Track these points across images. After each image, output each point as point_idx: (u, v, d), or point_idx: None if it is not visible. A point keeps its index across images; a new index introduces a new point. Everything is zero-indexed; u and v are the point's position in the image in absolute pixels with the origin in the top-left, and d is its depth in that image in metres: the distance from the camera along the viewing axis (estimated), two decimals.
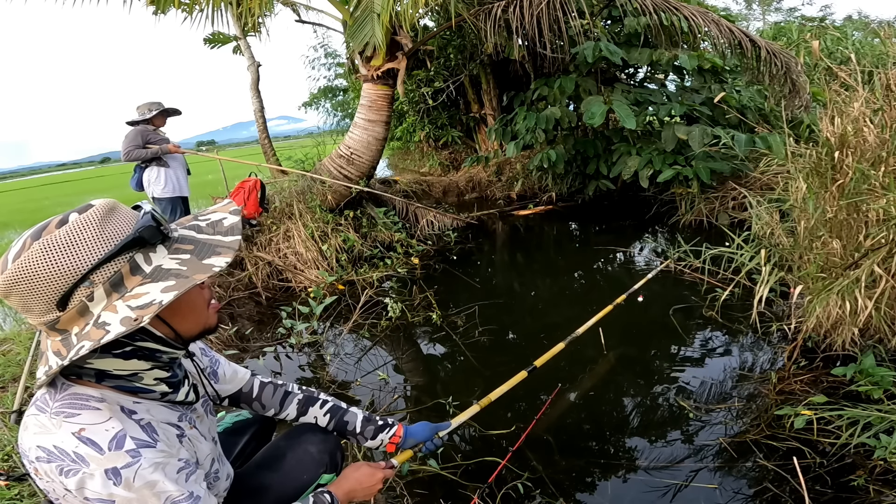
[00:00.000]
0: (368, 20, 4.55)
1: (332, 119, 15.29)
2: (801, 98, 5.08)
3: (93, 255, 0.70)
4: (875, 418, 1.68)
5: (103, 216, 0.72)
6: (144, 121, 4.00)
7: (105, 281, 0.71)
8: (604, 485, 1.78)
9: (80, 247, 0.69)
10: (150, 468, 0.74)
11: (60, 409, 0.73)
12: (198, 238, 0.79)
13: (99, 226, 0.71)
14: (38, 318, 0.72)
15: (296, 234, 4.43)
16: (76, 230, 0.70)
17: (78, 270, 0.69)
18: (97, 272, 0.70)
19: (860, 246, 2.11)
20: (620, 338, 2.86)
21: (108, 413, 0.74)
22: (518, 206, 6.81)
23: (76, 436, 0.71)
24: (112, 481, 0.71)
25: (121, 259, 0.72)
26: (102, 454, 0.71)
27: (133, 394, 0.81)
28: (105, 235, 0.71)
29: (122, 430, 0.73)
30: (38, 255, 0.68)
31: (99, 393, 0.77)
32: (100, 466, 0.70)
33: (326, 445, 1.17)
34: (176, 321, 0.82)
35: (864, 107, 2.13)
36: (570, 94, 5.79)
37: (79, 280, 0.69)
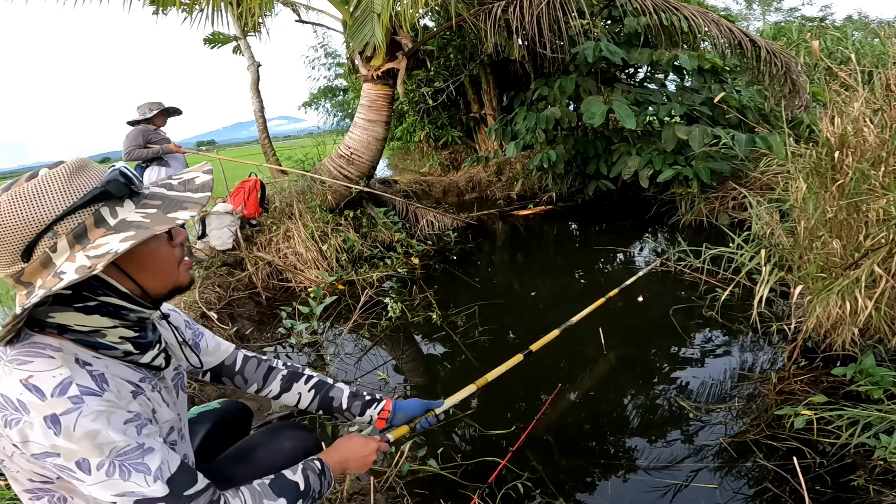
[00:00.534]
0: (368, 20, 4.55)
1: (332, 119, 15.30)
2: (801, 98, 5.08)
3: (58, 206, 0.71)
4: (875, 418, 1.68)
5: (73, 171, 0.74)
6: (145, 120, 4.01)
7: (69, 232, 0.71)
8: (604, 485, 1.78)
9: (45, 198, 0.71)
10: (92, 415, 0.71)
11: (15, 356, 0.72)
12: (167, 194, 0.80)
13: (67, 179, 0.72)
14: (5, 269, 0.73)
15: (296, 234, 4.43)
16: (44, 183, 0.72)
17: (42, 221, 0.70)
18: (61, 223, 0.71)
19: (860, 246, 2.11)
20: (620, 338, 2.85)
21: (59, 361, 0.73)
22: (518, 206, 6.81)
23: (23, 382, 0.70)
24: (52, 430, 0.69)
25: (86, 211, 0.72)
26: (44, 401, 0.69)
27: (94, 349, 0.79)
28: (72, 188, 0.72)
29: (68, 376, 0.72)
30: (6, 205, 0.70)
31: (58, 343, 0.75)
32: (39, 414, 0.69)
33: (302, 442, 1.12)
34: (142, 277, 0.80)
35: (865, 107, 2.13)
36: (570, 94, 5.79)
37: (43, 230, 0.70)
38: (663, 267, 3.78)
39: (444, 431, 2.16)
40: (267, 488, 0.90)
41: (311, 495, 0.96)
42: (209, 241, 4.46)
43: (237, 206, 4.56)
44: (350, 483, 1.75)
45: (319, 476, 0.98)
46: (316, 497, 0.98)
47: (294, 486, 0.93)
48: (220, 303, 3.65)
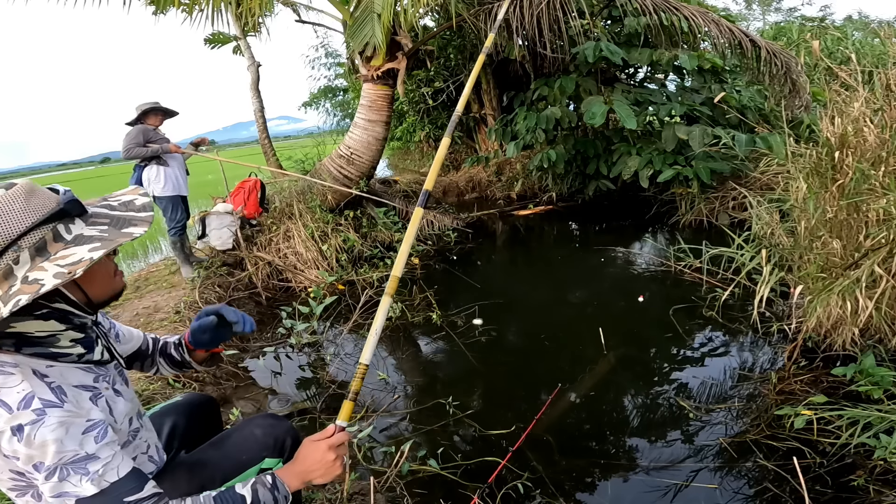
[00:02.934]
0: (368, 20, 4.55)
1: (332, 119, 15.30)
2: (801, 98, 5.09)
3: (20, 224, 0.79)
4: (875, 418, 1.68)
5: (28, 192, 0.82)
6: (138, 119, 4.00)
7: (30, 246, 0.80)
8: (604, 485, 1.78)
9: (8, 216, 0.79)
10: (53, 426, 0.80)
11: None
12: (112, 213, 0.89)
13: (25, 199, 0.81)
14: None
15: (296, 234, 4.43)
16: (6, 202, 0.79)
17: (7, 236, 0.78)
18: (24, 238, 0.79)
19: (860, 246, 2.11)
20: (620, 338, 2.85)
21: (20, 377, 0.81)
22: (518, 206, 6.81)
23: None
24: (16, 437, 0.78)
25: (45, 228, 0.81)
26: (11, 413, 0.78)
27: (51, 358, 0.88)
28: (30, 207, 0.81)
29: (31, 392, 0.80)
30: None
31: (13, 359, 0.83)
32: (7, 424, 0.78)
33: (273, 430, 1.15)
34: (89, 287, 0.91)
35: (865, 107, 2.13)
36: (571, 94, 5.79)
37: (7, 245, 0.78)
38: (663, 267, 3.78)
39: (444, 431, 2.16)
40: (210, 499, 0.92)
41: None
42: (209, 241, 4.46)
43: (237, 206, 4.56)
44: (350, 483, 1.75)
45: (271, 490, 0.97)
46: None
47: (240, 500, 0.93)
48: (220, 303, 3.65)
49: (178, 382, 2.55)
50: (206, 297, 3.58)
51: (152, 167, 4.06)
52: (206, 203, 7.66)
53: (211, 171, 13.35)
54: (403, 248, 1.30)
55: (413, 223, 1.35)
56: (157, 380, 2.48)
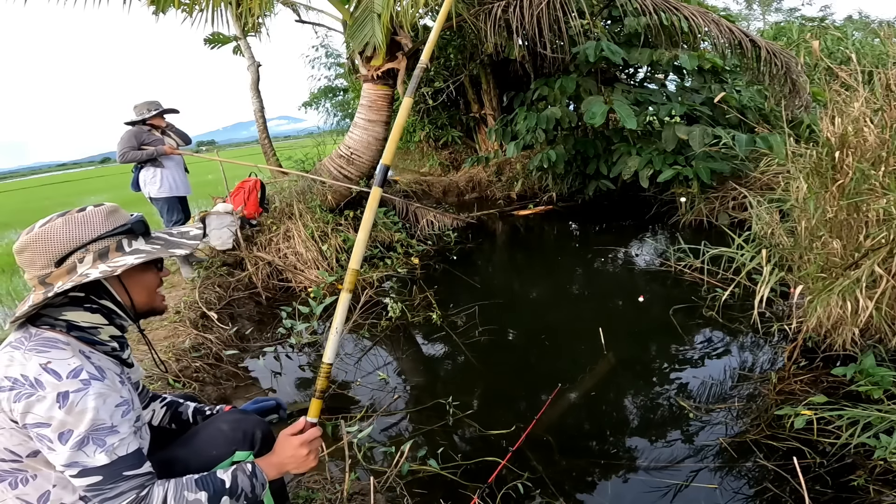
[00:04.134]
0: (368, 20, 4.55)
1: (332, 119, 15.27)
2: (801, 98, 5.09)
3: (94, 232, 1.00)
4: (875, 418, 1.68)
5: (110, 210, 1.04)
6: (142, 121, 4.00)
7: (97, 251, 1.00)
8: (604, 485, 1.78)
9: (87, 225, 1.00)
10: (94, 396, 0.91)
11: (34, 346, 0.93)
12: (168, 238, 1.10)
13: (105, 215, 1.03)
14: (37, 270, 0.97)
15: (296, 234, 4.43)
16: (89, 215, 1.01)
17: (81, 240, 0.98)
18: (93, 244, 0.99)
19: (860, 246, 2.10)
20: (620, 338, 2.85)
21: (71, 353, 0.94)
22: (518, 206, 6.81)
23: (42, 366, 0.90)
24: (58, 403, 0.88)
25: (112, 239, 1.02)
26: (60, 381, 0.89)
27: (91, 345, 1.01)
28: (108, 221, 1.02)
29: (80, 365, 0.93)
30: (60, 225, 0.98)
31: (66, 339, 0.97)
32: (54, 391, 0.88)
33: (240, 424, 1.19)
34: (134, 291, 1.08)
35: (865, 107, 2.13)
36: (571, 94, 5.79)
37: (79, 246, 0.98)
38: (664, 267, 3.78)
39: (444, 431, 2.16)
40: (192, 482, 1.00)
41: (238, 494, 1.03)
42: (209, 241, 4.46)
43: (237, 206, 4.56)
44: (350, 483, 1.75)
45: (250, 477, 1.06)
46: (248, 496, 1.05)
47: (220, 483, 1.02)
48: (220, 303, 3.65)
49: (178, 382, 2.55)
50: (205, 297, 3.58)
51: (148, 169, 4.05)
52: (206, 203, 7.67)
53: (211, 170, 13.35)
54: (360, 236, 1.20)
55: (370, 207, 1.22)
56: (157, 378, 2.48)
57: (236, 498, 1.03)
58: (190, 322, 3.16)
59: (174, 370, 2.59)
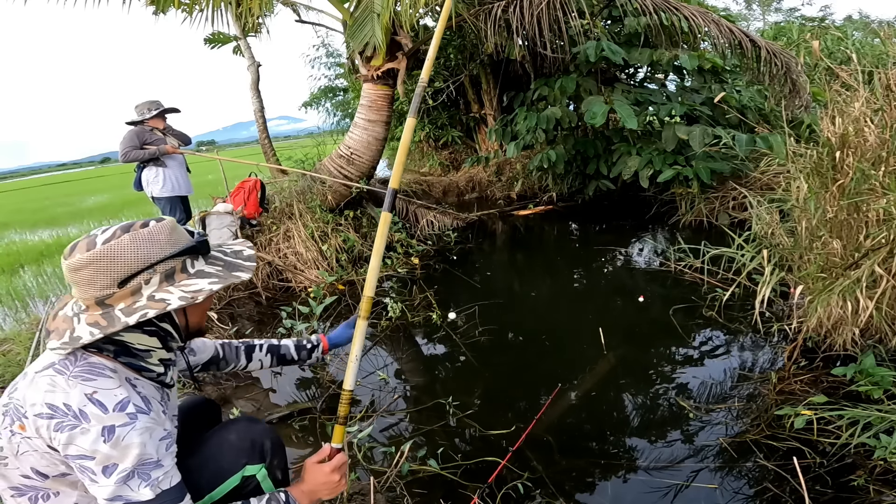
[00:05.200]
0: (368, 20, 4.55)
1: (332, 119, 15.27)
2: (801, 98, 5.09)
3: (163, 251, 0.93)
4: (875, 418, 1.68)
5: (172, 227, 0.97)
6: (143, 121, 4.00)
7: (163, 272, 0.93)
8: (604, 485, 1.78)
9: (154, 244, 0.93)
10: (140, 430, 0.88)
11: (79, 373, 0.88)
12: (225, 259, 1.05)
13: (169, 233, 0.96)
14: (97, 291, 0.90)
15: (296, 234, 4.43)
16: (155, 231, 0.94)
17: (150, 259, 0.92)
18: (161, 264, 0.93)
19: (861, 246, 2.11)
20: (620, 338, 2.85)
21: (118, 381, 0.90)
22: (518, 206, 6.81)
23: (88, 396, 0.85)
24: (103, 438, 0.85)
25: (177, 259, 0.95)
26: (106, 413, 0.85)
27: (137, 371, 0.97)
28: (172, 240, 0.96)
29: (126, 397, 0.89)
30: (127, 242, 0.90)
31: (112, 364, 0.93)
32: (99, 423, 0.85)
33: (249, 433, 1.16)
34: (192, 313, 1.05)
35: (865, 107, 2.13)
36: (571, 94, 5.79)
37: (146, 266, 0.91)
38: (664, 267, 3.78)
39: (443, 431, 2.16)
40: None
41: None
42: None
43: (237, 206, 4.56)
44: (350, 483, 1.75)
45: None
46: None
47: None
48: (220, 303, 3.66)
49: (178, 383, 2.54)
50: None
51: (151, 168, 4.06)
52: (206, 203, 7.67)
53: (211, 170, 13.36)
54: (373, 263, 1.18)
55: (381, 231, 1.20)
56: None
57: None
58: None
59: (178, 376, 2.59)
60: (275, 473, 1.16)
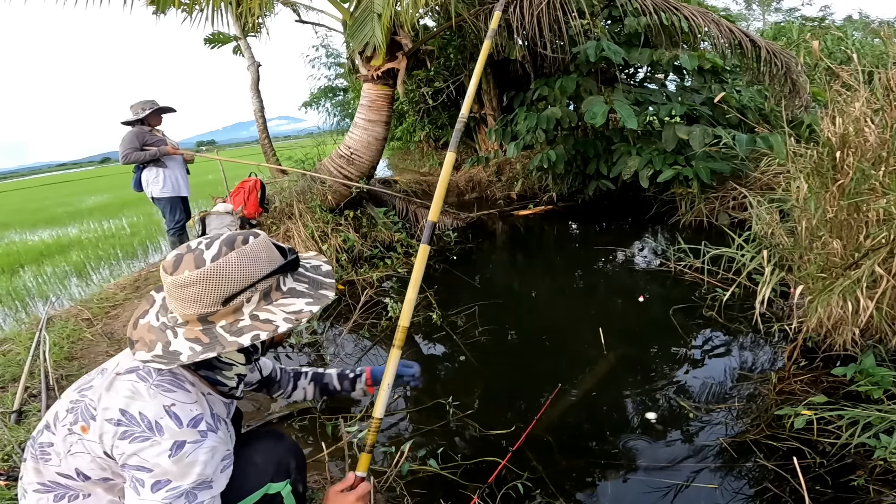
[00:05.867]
0: (368, 20, 4.55)
1: (333, 119, 15.29)
2: (801, 98, 5.09)
3: (262, 270, 0.91)
4: (875, 418, 1.68)
5: (268, 243, 0.96)
6: (139, 120, 4.00)
7: (262, 290, 0.91)
8: (604, 485, 1.78)
9: (258, 262, 0.91)
10: (206, 450, 0.87)
11: (161, 383, 0.88)
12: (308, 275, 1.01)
13: (267, 248, 0.94)
14: (201, 308, 0.88)
15: (296, 234, 4.43)
16: (257, 248, 0.92)
17: (253, 278, 0.90)
18: (261, 282, 0.91)
19: (861, 246, 2.10)
20: (620, 338, 2.85)
21: (195, 396, 0.90)
22: (518, 206, 6.81)
23: (165, 408, 0.85)
24: (170, 453, 0.83)
25: (274, 278, 0.93)
26: (180, 428, 0.85)
27: (212, 385, 0.97)
28: (271, 257, 0.94)
29: (201, 413, 0.89)
30: (234, 260, 0.88)
31: (192, 377, 0.93)
32: (172, 438, 0.84)
33: (274, 455, 1.13)
34: None
35: (865, 107, 2.13)
36: (571, 94, 5.78)
37: (249, 285, 0.89)
38: (663, 267, 3.78)
39: (443, 431, 2.16)
40: None
41: None
42: None
43: (237, 206, 4.56)
44: None
45: None
46: None
47: None
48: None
49: None
50: None
51: (151, 169, 4.06)
52: (206, 203, 7.67)
53: (211, 170, 13.36)
54: (409, 295, 1.23)
55: (419, 264, 1.27)
56: None
57: None
58: None
59: None
60: (297, 488, 1.17)
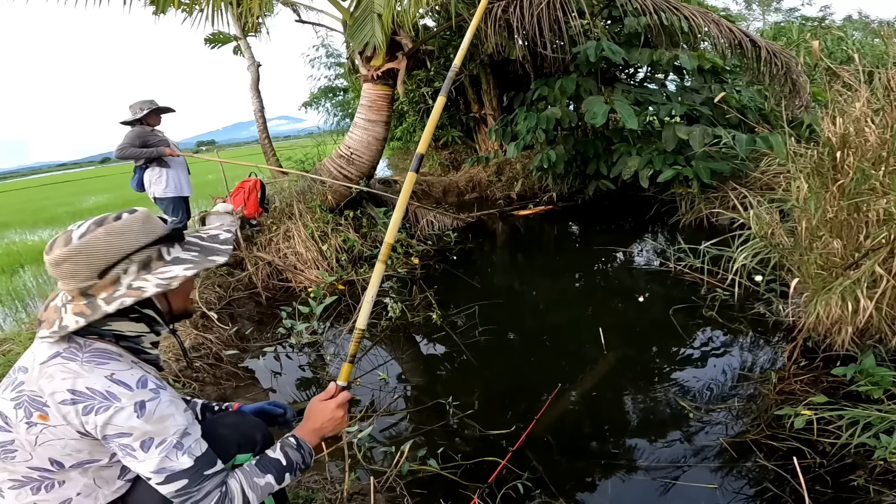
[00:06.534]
0: (368, 20, 4.55)
1: (332, 119, 15.29)
2: (801, 98, 5.09)
3: (137, 242, 0.96)
4: (875, 418, 1.68)
5: (145, 218, 1.00)
6: (137, 120, 3.99)
7: (139, 262, 0.97)
8: (604, 485, 1.78)
9: (130, 234, 0.96)
10: (167, 403, 0.94)
11: (91, 358, 0.92)
12: (202, 244, 1.07)
13: (143, 222, 0.98)
14: (79, 283, 0.94)
15: (296, 234, 4.43)
16: (129, 223, 0.97)
17: (125, 250, 0.95)
18: (136, 254, 0.96)
19: (861, 246, 2.10)
20: (620, 338, 2.85)
21: (127, 364, 0.95)
22: (518, 206, 6.81)
23: (108, 378, 0.90)
24: (136, 413, 0.89)
25: (153, 248, 0.98)
26: (132, 391, 0.90)
27: (136, 355, 1.02)
28: (146, 230, 0.98)
29: (143, 374, 0.94)
30: (101, 235, 0.94)
31: (118, 349, 0.98)
32: (130, 401, 0.89)
33: (239, 427, 1.20)
34: (174, 298, 1.08)
35: (866, 107, 2.13)
36: (571, 94, 5.78)
37: (123, 257, 0.95)
38: (664, 267, 3.78)
39: (443, 431, 2.16)
40: (254, 468, 1.04)
41: (295, 468, 1.09)
42: None
43: (237, 206, 4.56)
44: (350, 483, 1.75)
45: (298, 450, 1.11)
46: (301, 468, 1.11)
47: (278, 463, 1.07)
48: (221, 303, 3.65)
49: (178, 382, 2.55)
50: (205, 297, 3.58)
51: (154, 169, 4.05)
52: (206, 203, 7.66)
53: (211, 170, 13.35)
54: (396, 215, 1.32)
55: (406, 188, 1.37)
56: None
57: (293, 472, 1.09)
58: (190, 322, 3.15)
59: (174, 370, 2.60)
60: None
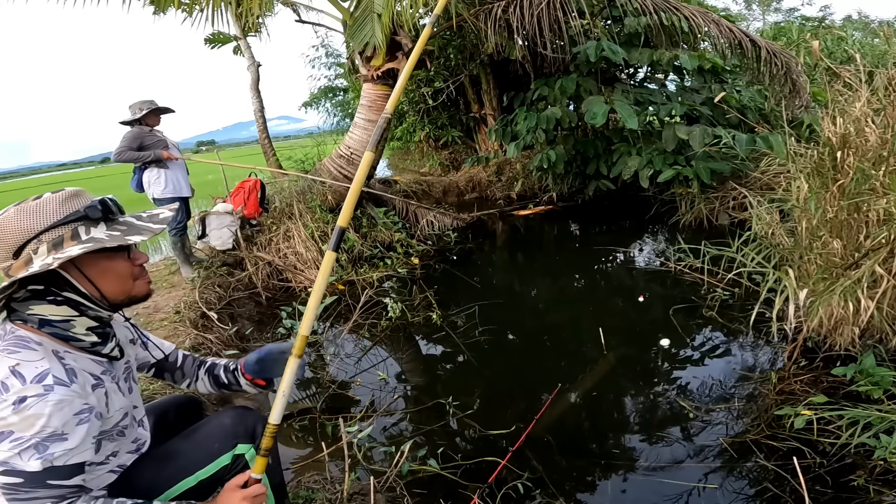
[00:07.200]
0: (368, 20, 4.55)
1: (332, 119, 15.28)
2: (801, 98, 5.09)
3: (47, 221, 0.94)
4: (875, 418, 1.68)
5: (67, 196, 0.97)
6: (136, 120, 3.98)
7: (50, 241, 0.93)
8: (604, 485, 1.78)
9: (41, 215, 0.94)
10: (52, 403, 0.87)
11: (6, 347, 0.91)
12: (134, 223, 1.02)
13: (60, 202, 0.96)
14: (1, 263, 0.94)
15: (296, 234, 4.42)
16: (43, 203, 0.95)
17: (34, 230, 0.93)
18: (46, 233, 0.93)
19: (861, 246, 2.10)
20: (620, 338, 2.85)
21: (42, 354, 0.92)
22: (518, 206, 6.80)
23: (10, 369, 0.88)
24: (13, 407, 0.85)
25: (66, 227, 0.95)
26: (24, 385, 0.87)
27: (66, 342, 0.98)
28: (62, 210, 0.95)
29: (47, 369, 0.90)
30: (13, 215, 0.93)
31: (39, 338, 0.95)
32: (15, 394, 0.86)
33: (242, 419, 1.20)
34: (101, 282, 1.00)
35: (866, 107, 2.12)
36: (571, 94, 5.78)
37: (32, 237, 0.93)
38: (664, 267, 3.78)
39: (443, 431, 2.16)
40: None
41: None
42: (209, 242, 4.46)
43: (237, 206, 4.56)
44: (350, 483, 1.75)
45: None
46: None
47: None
48: (221, 303, 3.65)
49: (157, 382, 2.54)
50: (205, 297, 3.58)
51: (153, 170, 4.05)
52: (206, 203, 7.66)
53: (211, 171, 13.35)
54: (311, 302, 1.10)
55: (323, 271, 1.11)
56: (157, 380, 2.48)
57: None
58: (190, 322, 3.15)
59: None
60: None
